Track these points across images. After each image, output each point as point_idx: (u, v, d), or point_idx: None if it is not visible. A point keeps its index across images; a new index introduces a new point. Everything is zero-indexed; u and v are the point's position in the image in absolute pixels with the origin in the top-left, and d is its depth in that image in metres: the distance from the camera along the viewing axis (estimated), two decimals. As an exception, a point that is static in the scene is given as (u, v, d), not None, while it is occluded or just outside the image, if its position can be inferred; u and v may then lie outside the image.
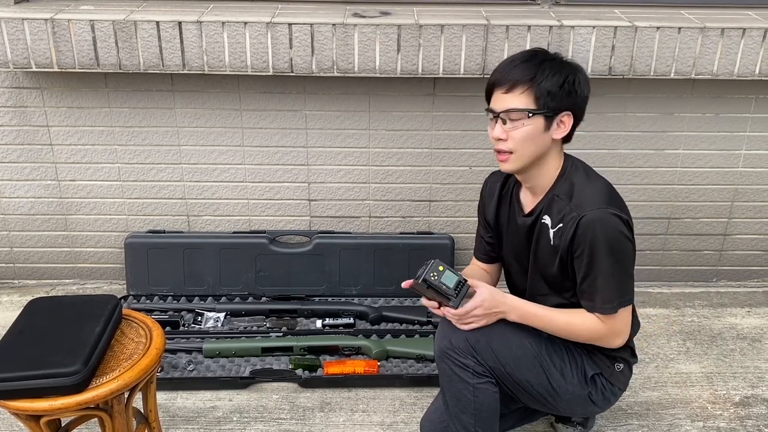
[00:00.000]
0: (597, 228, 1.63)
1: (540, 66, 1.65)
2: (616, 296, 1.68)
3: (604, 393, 1.82)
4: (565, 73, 1.65)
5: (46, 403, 1.51)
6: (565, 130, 1.69)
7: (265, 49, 2.34)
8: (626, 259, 1.68)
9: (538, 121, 1.66)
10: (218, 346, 2.39)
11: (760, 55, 2.41)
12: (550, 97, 1.64)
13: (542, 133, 1.67)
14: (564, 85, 1.64)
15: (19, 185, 2.68)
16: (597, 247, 1.64)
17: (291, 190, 2.72)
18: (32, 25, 2.30)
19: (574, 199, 1.69)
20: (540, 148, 1.69)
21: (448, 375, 1.76)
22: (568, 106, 1.67)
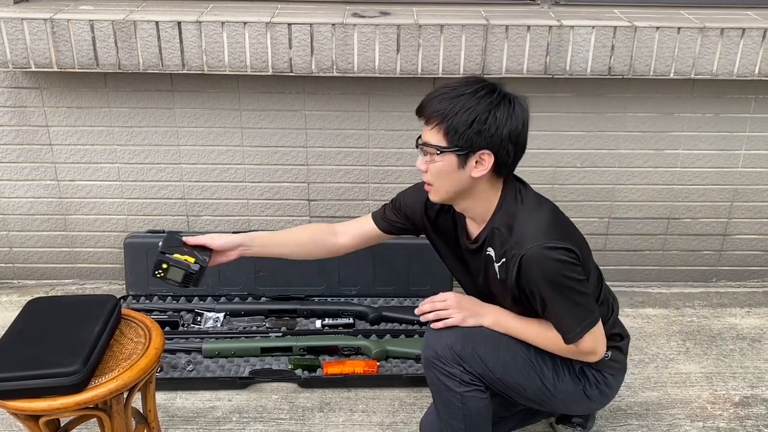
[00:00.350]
0: (537, 268, 1.58)
1: (456, 100, 1.56)
2: (575, 325, 1.65)
3: (598, 386, 1.80)
4: (479, 110, 1.55)
5: (45, 403, 1.51)
6: (485, 168, 1.59)
7: (264, 49, 2.34)
8: (575, 288, 1.62)
9: (450, 159, 1.59)
10: (217, 347, 2.39)
11: (760, 55, 2.41)
12: (458, 136, 1.57)
13: (456, 170, 1.60)
14: (473, 125, 1.55)
15: (18, 185, 2.68)
16: (542, 286, 1.60)
17: (290, 190, 2.72)
18: (31, 25, 2.30)
19: (514, 235, 1.63)
20: (459, 185, 1.63)
21: (435, 384, 1.76)
22: (481, 145, 1.57)
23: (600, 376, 1.81)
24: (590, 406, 1.88)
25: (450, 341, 1.71)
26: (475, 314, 1.74)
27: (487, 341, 1.72)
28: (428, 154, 1.63)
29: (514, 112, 1.59)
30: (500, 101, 1.58)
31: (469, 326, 1.73)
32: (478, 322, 1.73)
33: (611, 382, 1.83)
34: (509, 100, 1.60)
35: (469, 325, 1.73)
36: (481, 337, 1.72)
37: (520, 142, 1.62)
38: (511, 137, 1.59)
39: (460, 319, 1.72)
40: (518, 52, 2.37)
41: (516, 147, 1.61)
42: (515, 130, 1.59)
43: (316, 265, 2.69)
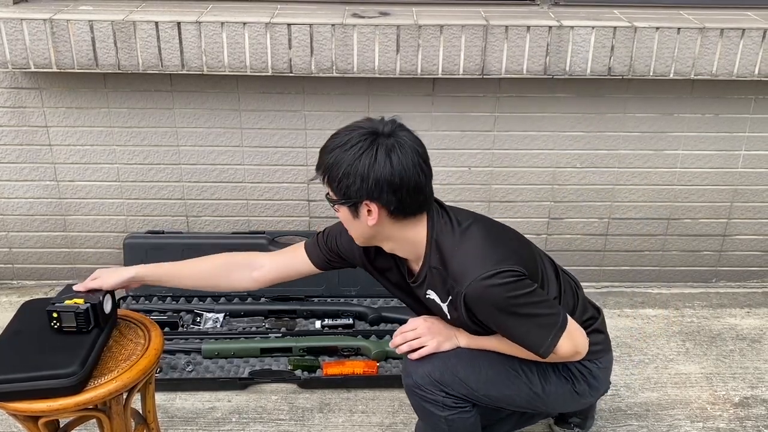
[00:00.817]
0: (483, 301, 1.54)
1: (331, 154, 1.52)
2: (545, 338, 1.59)
3: (585, 380, 1.77)
4: (345, 164, 1.50)
5: (45, 404, 1.50)
6: (374, 218, 1.54)
7: (264, 50, 2.34)
8: (530, 302, 1.57)
9: (343, 210, 1.58)
10: (217, 347, 2.38)
11: (760, 56, 2.41)
12: (338, 189, 1.54)
13: (354, 220, 1.58)
14: (341, 179, 1.51)
15: (17, 186, 2.68)
16: (495, 316, 1.57)
17: (290, 191, 2.72)
18: (31, 25, 2.29)
19: (450, 272, 1.57)
20: (366, 232, 1.59)
21: (419, 408, 1.74)
22: (359, 197, 1.52)
23: (584, 368, 1.76)
24: (583, 401, 1.85)
25: (428, 369, 1.68)
26: (449, 337, 1.71)
27: (465, 362, 1.69)
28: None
29: (379, 160, 1.49)
30: (365, 150, 1.50)
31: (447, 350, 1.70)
32: (454, 344, 1.70)
33: (596, 371, 1.78)
34: (377, 147, 1.50)
35: (446, 349, 1.70)
36: (458, 360, 1.69)
37: (401, 187, 1.51)
38: (382, 185, 1.50)
39: (435, 346, 1.69)
40: (518, 53, 2.37)
41: (397, 193, 1.51)
42: (384, 178, 1.49)
43: (315, 265, 2.69)
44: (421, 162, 1.53)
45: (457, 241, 1.59)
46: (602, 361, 1.81)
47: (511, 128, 2.63)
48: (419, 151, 1.54)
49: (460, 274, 1.56)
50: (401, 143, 1.52)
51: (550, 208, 2.77)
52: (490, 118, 2.61)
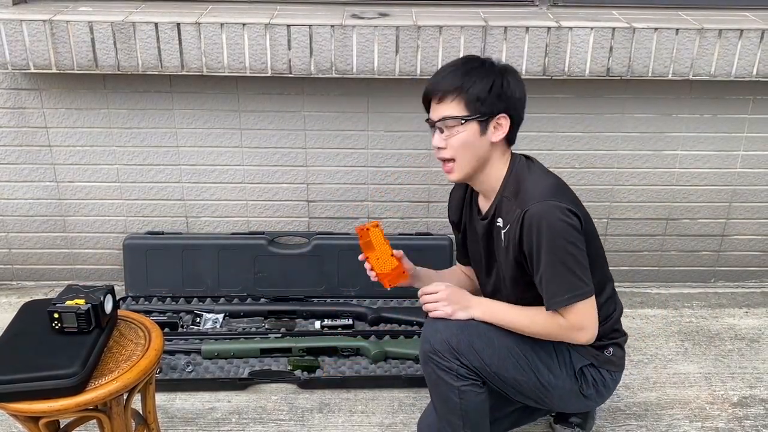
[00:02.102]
0: (538, 220, 1.62)
1: (468, 74, 1.68)
2: (563, 291, 1.65)
3: (595, 386, 1.81)
4: (493, 77, 1.68)
5: (45, 404, 1.51)
6: (503, 132, 1.70)
7: (263, 51, 2.34)
8: (572, 254, 1.64)
9: (472, 127, 1.68)
10: (217, 348, 2.39)
11: (758, 57, 2.41)
12: (480, 102, 1.67)
13: (479, 137, 1.69)
14: (492, 90, 1.67)
15: (17, 186, 2.68)
16: (541, 241, 1.63)
17: (290, 191, 2.72)
18: (30, 26, 2.30)
19: (519, 197, 1.69)
20: (480, 153, 1.71)
21: (432, 379, 1.77)
22: (501, 109, 1.69)
23: (599, 375, 1.81)
24: (587, 404, 1.89)
25: (446, 335, 1.72)
26: (465, 307, 1.76)
27: (482, 335, 1.73)
28: (447, 129, 1.70)
29: (518, 78, 1.74)
30: (506, 69, 1.73)
31: (461, 319, 1.74)
32: (469, 314, 1.75)
33: (609, 381, 1.84)
34: (511, 69, 1.75)
35: (460, 318, 1.75)
36: (476, 331, 1.73)
37: (524, 106, 1.75)
38: (522, 100, 1.73)
39: (449, 312, 1.75)
40: (517, 54, 2.37)
41: (522, 113, 1.74)
42: (524, 94, 1.73)
43: (315, 266, 2.70)
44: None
45: (534, 176, 1.74)
46: (615, 375, 1.86)
47: (510, 129, 2.63)
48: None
49: (528, 197, 1.67)
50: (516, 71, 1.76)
51: (549, 208, 2.77)
52: (489, 119, 2.61)
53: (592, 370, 1.81)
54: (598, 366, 1.81)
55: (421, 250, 2.70)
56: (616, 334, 1.87)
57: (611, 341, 1.84)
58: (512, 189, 1.73)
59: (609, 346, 1.83)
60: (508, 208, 1.72)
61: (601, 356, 1.82)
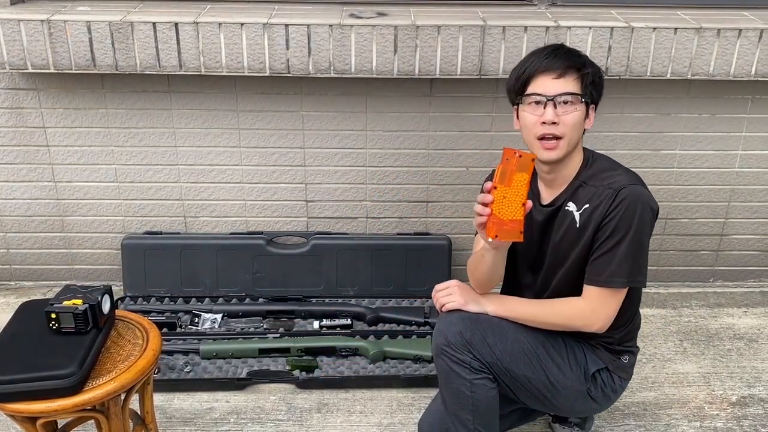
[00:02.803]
0: (636, 199, 1.65)
1: (581, 57, 1.71)
2: (628, 273, 1.68)
3: (604, 390, 1.81)
4: (596, 66, 1.73)
5: (43, 404, 1.50)
6: (591, 122, 1.75)
7: (261, 50, 2.34)
8: (646, 239, 1.69)
9: (582, 109, 1.70)
10: (215, 348, 2.38)
11: (756, 56, 2.41)
12: (593, 87, 1.71)
13: (582, 120, 1.71)
14: (601, 78, 1.73)
15: (15, 186, 2.68)
16: (632, 218, 1.65)
17: (288, 191, 2.72)
18: (28, 26, 2.29)
19: (607, 180, 1.70)
20: (578, 135, 1.73)
21: (445, 371, 1.75)
22: (598, 98, 1.75)
23: (609, 379, 1.81)
24: (591, 406, 1.87)
25: (460, 328, 1.72)
26: (477, 300, 1.76)
27: (495, 330, 1.73)
28: (564, 105, 1.67)
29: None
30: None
31: (474, 311, 1.75)
32: (481, 308, 1.75)
33: (617, 387, 1.84)
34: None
35: (472, 310, 1.75)
36: (489, 325, 1.73)
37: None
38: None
39: (462, 303, 1.75)
40: (515, 53, 2.37)
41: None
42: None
43: (313, 266, 2.70)
44: None
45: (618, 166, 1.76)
46: (624, 382, 1.87)
47: (509, 128, 2.63)
48: None
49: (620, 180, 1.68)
50: None
51: (547, 208, 2.77)
52: (488, 119, 2.61)
53: (605, 373, 1.81)
54: (612, 370, 1.82)
55: (419, 250, 2.70)
56: (633, 343, 1.89)
57: (628, 349, 1.85)
58: (593, 175, 1.73)
59: (626, 354, 1.84)
60: (589, 192, 1.71)
61: (617, 362, 1.82)
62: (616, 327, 1.78)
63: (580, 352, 1.79)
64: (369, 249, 2.70)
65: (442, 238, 2.73)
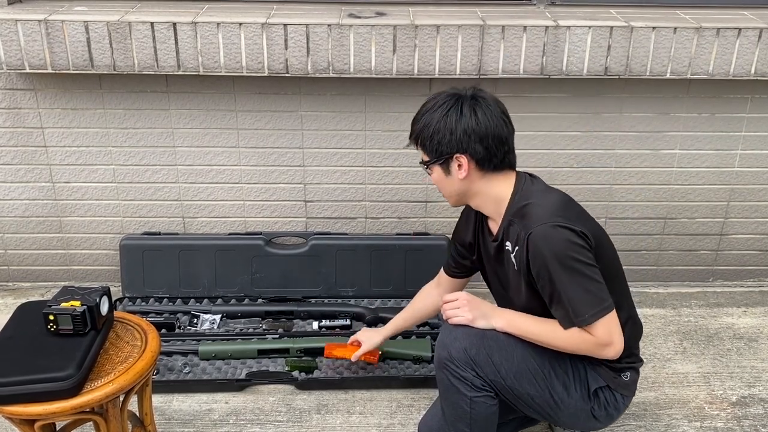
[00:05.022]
0: (542, 243, 1.61)
1: (421, 119, 1.72)
2: (586, 308, 1.61)
3: (607, 408, 1.78)
4: (434, 121, 1.69)
5: (41, 407, 1.50)
6: (465, 169, 1.70)
7: (260, 50, 2.33)
8: (584, 273, 1.61)
9: (436, 169, 1.74)
10: (214, 348, 2.38)
11: (756, 55, 2.41)
12: (429, 149, 1.72)
13: (445, 177, 1.74)
14: (433, 136, 1.69)
15: (13, 187, 2.67)
16: (549, 263, 1.60)
17: (287, 192, 2.71)
18: (26, 26, 2.28)
19: (524, 219, 1.67)
20: (455, 188, 1.75)
21: (445, 385, 1.75)
22: (450, 150, 1.69)
23: (612, 397, 1.78)
24: (594, 425, 1.84)
25: (465, 344, 1.69)
26: (485, 316, 1.73)
27: (501, 348, 1.70)
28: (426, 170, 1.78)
29: (471, 112, 1.68)
30: (451, 107, 1.68)
31: (481, 327, 1.71)
32: (489, 324, 1.72)
33: (620, 405, 1.81)
34: (461, 104, 1.69)
35: (480, 326, 1.71)
36: (496, 343, 1.70)
37: (488, 135, 1.67)
38: (471, 135, 1.67)
39: (470, 319, 1.72)
40: (514, 53, 2.36)
41: (483, 142, 1.67)
42: (471, 128, 1.67)
43: (313, 266, 2.69)
44: (503, 115, 1.71)
45: (537, 197, 1.71)
46: (627, 399, 1.83)
47: (507, 128, 2.63)
48: (501, 106, 1.72)
49: (531, 220, 1.65)
50: (484, 98, 1.71)
51: (547, 208, 2.76)
52: (487, 118, 2.60)
53: (606, 392, 1.78)
54: (614, 388, 1.78)
55: (418, 250, 2.70)
56: (634, 359, 1.84)
57: (629, 365, 1.81)
58: (517, 212, 1.70)
59: (627, 370, 1.80)
60: (515, 231, 1.69)
61: (618, 380, 1.79)
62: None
63: (583, 370, 1.77)
64: (368, 249, 2.70)
65: (441, 238, 2.73)
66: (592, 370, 1.77)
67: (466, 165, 1.69)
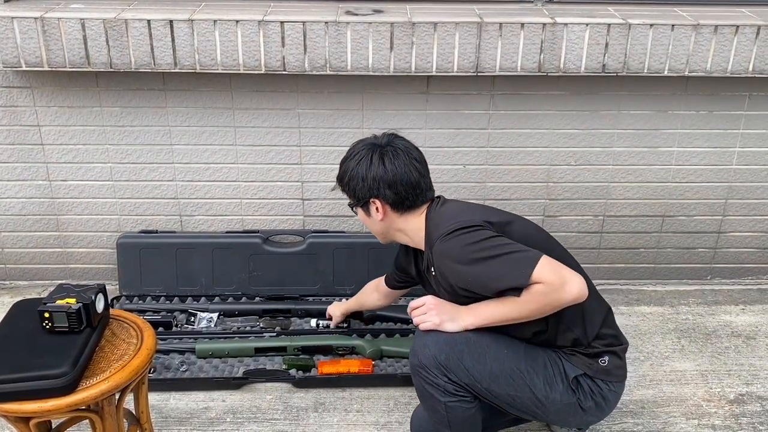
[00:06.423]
0: (442, 256, 1.70)
1: (343, 166, 1.86)
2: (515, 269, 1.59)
3: (593, 398, 1.77)
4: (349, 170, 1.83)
5: (36, 405, 1.49)
6: (381, 212, 1.83)
7: (257, 48, 2.33)
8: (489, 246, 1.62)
9: (359, 211, 1.89)
10: (211, 347, 2.37)
11: (754, 53, 2.41)
12: (348, 193, 1.87)
13: (368, 218, 1.88)
14: (348, 183, 1.84)
15: (9, 185, 2.67)
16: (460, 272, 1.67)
17: (284, 190, 2.71)
18: (22, 23, 2.28)
19: (429, 241, 1.78)
20: (379, 228, 1.88)
21: (420, 391, 1.76)
22: (364, 196, 1.82)
23: (595, 385, 1.77)
24: (585, 419, 1.83)
25: (434, 351, 1.69)
26: (454, 318, 1.72)
27: (472, 351, 1.69)
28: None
29: (374, 162, 1.80)
30: (364, 156, 1.81)
31: (451, 331, 1.71)
32: (459, 326, 1.71)
33: (607, 393, 1.78)
34: (372, 154, 1.81)
35: (449, 329, 1.71)
36: (467, 347, 1.70)
37: (395, 182, 1.79)
38: (380, 182, 1.79)
39: (437, 322, 1.72)
40: (512, 50, 2.36)
41: (392, 188, 1.79)
42: (378, 176, 1.79)
43: (310, 264, 2.69)
44: (413, 162, 1.81)
45: (436, 217, 1.80)
46: (615, 385, 1.81)
47: (505, 126, 2.62)
48: (412, 153, 1.83)
49: (431, 237, 1.76)
50: (394, 148, 1.82)
51: (544, 205, 2.76)
52: (485, 116, 2.60)
53: (587, 379, 1.76)
54: (592, 376, 1.76)
55: (416, 248, 2.69)
56: (611, 340, 1.81)
57: (606, 349, 1.78)
58: (428, 237, 1.80)
59: (603, 355, 1.78)
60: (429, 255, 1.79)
61: (595, 365, 1.77)
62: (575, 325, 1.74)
63: (559, 360, 1.76)
64: (365, 247, 2.69)
65: (439, 236, 2.72)
66: (567, 360, 1.76)
67: (381, 208, 1.82)
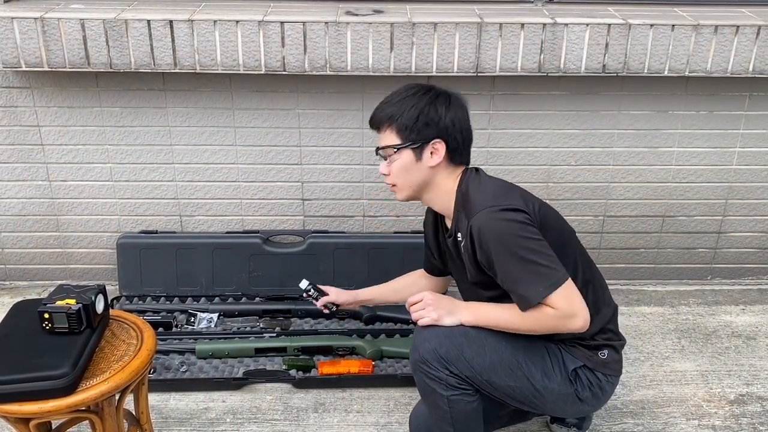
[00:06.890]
0: (482, 229, 1.65)
1: (400, 103, 1.76)
2: (537, 284, 1.61)
3: (591, 388, 1.79)
4: (422, 105, 1.74)
5: (36, 405, 1.49)
6: (439, 157, 1.76)
7: (257, 48, 2.33)
8: (530, 248, 1.63)
9: (407, 154, 1.76)
10: (211, 347, 2.37)
11: (754, 53, 2.41)
12: (410, 131, 1.74)
13: (415, 163, 1.77)
14: (419, 118, 1.74)
15: (9, 186, 2.66)
16: (491, 248, 1.64)
17: (284, 190, 2.71)
18: (22, 24, 2.28)
19: (466, 209, 1.73)
20: (420, 177, 1.78)
21: (422, 386, 1.76)
22: (432, 135, 1.75)
23: (593, 377, 1.79)
24: (582, 408, 1.85)
25: (434, 344, 1.70)
26: (451, 312, 1.73)
27: (472, 343, 1.70)
28: (388, 157, 1.80)
29: (453, 103, 1.78)
30: (437, 96, 1.77)
31: (449, 325, 1.72)
32: (457, 320, 1.73)
33: (605, 384, 1.81)
34: (446, 95, 1.78)
35: (447, 324, 1.72)
36: (465, 339, 1.70)
37: (464, 128, 1.79)
38: (455, 124, 1.76)
39: (435, 317, 1.72)
40: (512, 50, 2.36)
41: (462, 133, 1.78)
42: (457, 118, 1.76)
43: (310, 264, 2.68)
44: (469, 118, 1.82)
45: (477, 185, 1.76)
46: (612, 378, 1.83)
47: (505, 126, 2.62)
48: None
49: (471, 210, 1.70)
50: (456, 95, 1.81)
51: (545, 206, 2.76)
52: (485, 116, 2.60)
53: (586, 371, 1.78)
54: (592, 368, 1.79)
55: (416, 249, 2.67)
56: (611, 335, 1.84)
57: (606, 343, 1.81)
58: (462, 204, 1.76)
59: (603, 348, 1.81)
60: (462, 222, 1.75)
61: (595, 358, 1.79)
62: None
63: (558, 352, 1.77)
64: (366, 247, 2.69)
65: (439, 236, 2.72)
66: (567, 351, 1.78)
67: (442, 152, 1.75)
